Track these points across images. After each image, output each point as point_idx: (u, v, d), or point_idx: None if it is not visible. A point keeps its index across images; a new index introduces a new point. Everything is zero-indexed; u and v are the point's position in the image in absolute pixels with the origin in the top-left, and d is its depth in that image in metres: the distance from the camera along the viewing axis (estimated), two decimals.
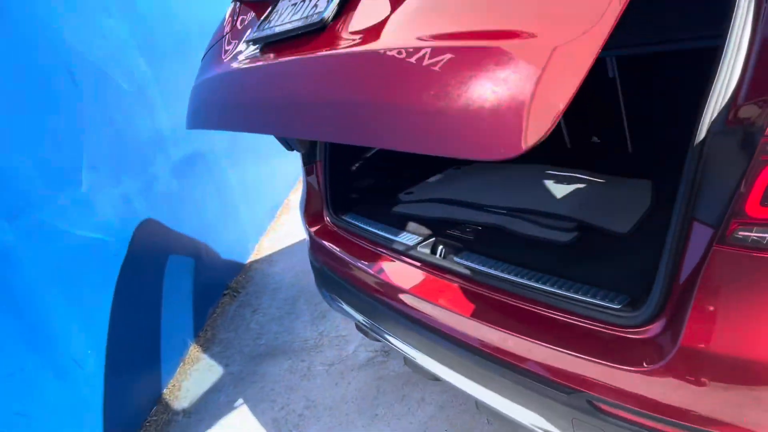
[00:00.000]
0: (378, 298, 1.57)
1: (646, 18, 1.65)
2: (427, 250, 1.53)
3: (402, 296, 1.46)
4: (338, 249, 1.80)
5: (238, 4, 1.55)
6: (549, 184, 1.79)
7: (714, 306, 0.83)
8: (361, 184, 2.13)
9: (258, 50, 1.25)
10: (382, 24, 0.95)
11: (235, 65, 1.32)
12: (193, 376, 2.44)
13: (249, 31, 1.33)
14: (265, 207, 4.40)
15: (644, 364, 0.92)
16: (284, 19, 1.16)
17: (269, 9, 1.28)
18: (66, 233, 1.81)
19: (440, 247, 1.51)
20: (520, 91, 0.64)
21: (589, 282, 1.17)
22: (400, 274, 1.52)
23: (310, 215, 1.98)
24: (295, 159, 6.23)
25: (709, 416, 0.86)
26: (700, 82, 1.72)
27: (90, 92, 2.05)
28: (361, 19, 1.02)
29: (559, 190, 1.70)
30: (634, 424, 0.97)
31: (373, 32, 0.96)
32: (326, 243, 1.86)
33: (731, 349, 0.83)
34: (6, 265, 1.51)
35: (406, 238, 1.61)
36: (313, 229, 1.95)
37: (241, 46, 1.34)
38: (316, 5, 1.09)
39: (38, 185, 1.70)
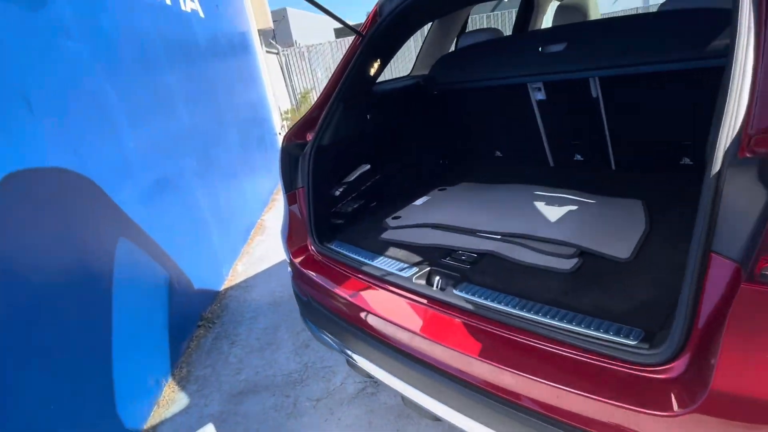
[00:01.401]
0: (372, 335, 1.48)
1: (628, 40, 1.66)
2: (422, 281, 1.46)
3: (398, 333, 1.38)
4: (326, 280, 1.71)
5: None
6: (540, 206, 1.76)
7: (748, 347, 0.79)
8: (345, 209, 2.05)
9: None
10: None
11: None
12: (168, 420, 2.26)
13: None
14: (238, 229, 4.25)
15: (673, 408, 0.88)
16: None
17: None
18: (29, 270, 1.64)
19: (436, 278, 1.44)
20: None
21: (597, 314, 1.13)
22: (395, 308, 1.44)
23: (294, 245, 1.88)
24: (267, 178, 6.10)
25: None
26: (680, 101, 1.74)
27: (49, 120, 1.89)
28: None
29: (552, 213, 1.68)
30: None
31: None
32: (312, 274, 1.76)
33: None
34: None
35: (399, 268, 1.54)
36: (297, 260, 1.85)
37: None
38: None
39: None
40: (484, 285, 1.34)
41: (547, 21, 3.36)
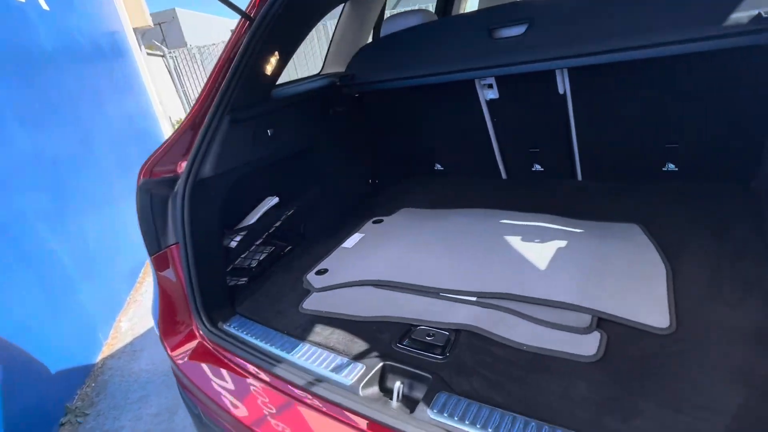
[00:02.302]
0: None
1: (612, 19, 1.27)
2: (374, 389, 0.95)
3: None
4: (223, 385, 1.13)
5: None
6: (516, 242, 1.32)
7: None
8: (248, 263, 1.47)
9: None
10: None
11: None
12: None
13: None
14: (119, 274, 3.40)
15: None
16: None
17: None
18: None
19: (396, 383, 0.93)
20: None
21: None
22: None
23: (172, 332, 1.27)
24: None
25: None
26: (668, 93, 1.37)
27: None
28: None
29: (537, 255, 1.24)
30: None
31: None
32: (203, 374, 1.17)
33: None
34: None
35: (334, 366, 1.01)
36: (177, 353, 1.24)
37: None
38: None
39: None
40: (474, 396, 0.85)
41: (471, 5, 2.99)
